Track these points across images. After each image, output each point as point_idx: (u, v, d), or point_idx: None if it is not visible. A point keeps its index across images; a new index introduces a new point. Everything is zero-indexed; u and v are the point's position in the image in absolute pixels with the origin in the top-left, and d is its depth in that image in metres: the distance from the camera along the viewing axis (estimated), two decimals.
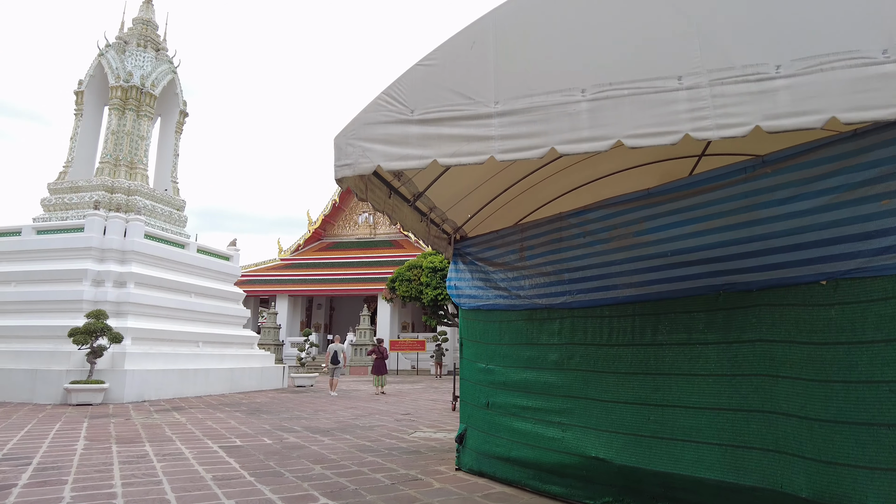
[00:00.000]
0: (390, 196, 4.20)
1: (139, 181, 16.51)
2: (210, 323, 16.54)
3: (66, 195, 16.04)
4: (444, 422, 9.47)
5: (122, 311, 13.66)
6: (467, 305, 5.67)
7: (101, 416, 9.50)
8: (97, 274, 13.76)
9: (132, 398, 12.18)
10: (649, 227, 3.99)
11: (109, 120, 16.73)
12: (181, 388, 13.63)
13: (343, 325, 37.12)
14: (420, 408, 11.90)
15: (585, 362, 4.34)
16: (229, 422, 9.06)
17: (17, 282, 14.15)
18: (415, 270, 24.96)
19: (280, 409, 11.15)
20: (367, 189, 3.75)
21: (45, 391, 11.64)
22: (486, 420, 5.21)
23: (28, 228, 14.84)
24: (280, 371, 18.21)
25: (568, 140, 2.88)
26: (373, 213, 39.84)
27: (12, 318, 13.65)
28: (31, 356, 12.47)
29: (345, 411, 11.00)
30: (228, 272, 18.15)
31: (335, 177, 3.22)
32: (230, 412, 10.49)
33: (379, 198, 3.97)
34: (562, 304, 4.59)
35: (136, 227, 14.63)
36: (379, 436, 7.78)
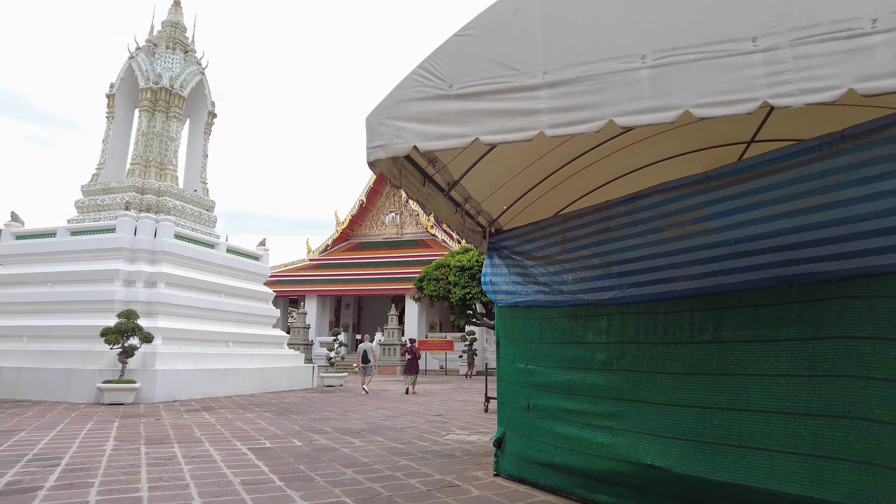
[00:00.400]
0: (424, 184, 3.93)
1: (169, 182, 16.61)
2: (240, 323, 16.54)
3: (98, 197, 16.22)
4: (477, 423, 9.17)
5: (152, 311, 13.71)
6: (504, 302, 5.36)
7: (131, 415, 9.46)
8: (128, 274, 13.84)
9: (163, 398, 12.18)
10: (710, 214, 3.63)
11: (139, 122, 16.87)
12: (211, 387, 13.61)
13: (371, 325, 37.10)
14: (451, 409, 11.62)
15: (637, 362, 4.00)
16: (258, 422, 8.91)
17: (52, 282, 14.33)
18: (442, 269, 24.69)
19: (310, 410, 11.00)
20: (400, 175, 3.48)
21: (79, 390, 11.72)
22: (527, 423, 4.90)
23: (62, 230, 15.03)
24: (309, 371, 18.14)
25: (627, 111, 2.57)
26: (399, 213, 39.76)
27: (48, 317, 13.82)
28: (65, 355, 12.58)
29: (375, 412, 10.79)
30: (258, 272, 18.16)
31: (367, 159, 2.95)
32: (260, 412, 10.37)
33: (413, 185, 3.70)
34: (610, 300, 4.25)
35: (167, 228, 14.69)
36: (411, 438, 7.52)
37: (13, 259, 15.22)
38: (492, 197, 5.03)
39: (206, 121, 18.72)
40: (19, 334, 13.66)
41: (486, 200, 5.03)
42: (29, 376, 12.26)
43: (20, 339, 13.62)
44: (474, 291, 22.88)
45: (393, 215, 39.92)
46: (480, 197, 4.88)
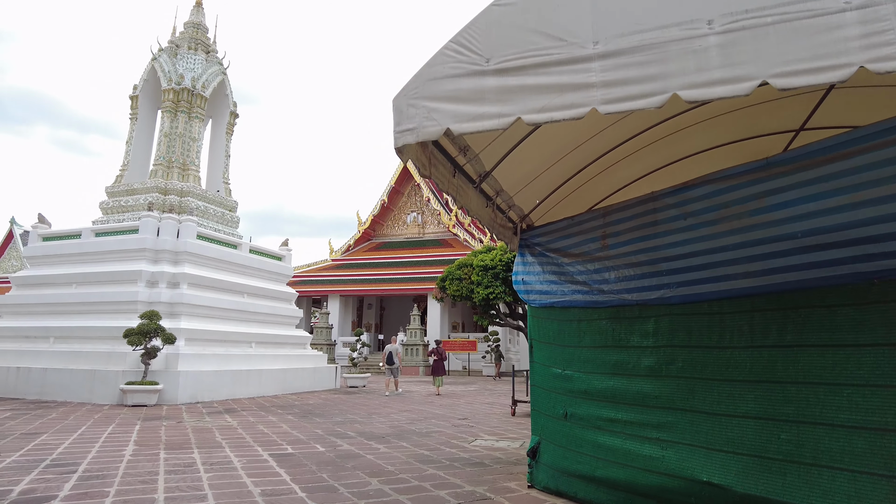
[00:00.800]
0: (455, 175, 3.62)
1: (191, 182, 16.58)
2: (263, 323, 16.45)
3: (122, 198, 16.26)
4: (505, 428, 8.84)
5: (175, 312, 13.65)
6: (538, 302, 5.03)
7: (153, 418, 9.34)
8: (151, 275, 13.80)
9: (185, 399, 12.08)
10: (773, 204, 3.27)
11: (162, 122, 16.88)
12: (234, 389, 13.50)
13: (393, 325, 36.96)
14: (477, 412, 11.31)
15: (690, 368, 3.64)
16: (281, 426, 8.71)
17: (77, 283, 14.37)
18: (465, 269, 24.36)
19: (333, 412, 10.78)
20: (430, 164, 3.18)
21: (102, 391, 11.68)
22: (565, 433, 4.56)
23: (87, 231, 15.08)
24: (332, 371, 17.98)
25: (694, 84, 2.23)
26: (421, 213, 39.55)
27: (74, 318, 13.85)
28: (89, 356, 12.56)
29: (399, 414, 10.52)
30: (281, 272, 18.06)
31: (395, 145, 2.66)
32: (282, 415, 10.18)
33: (443, 175, 3.40)
34: (658, 300, 3.90)
35: (189, 228, 14.63)
36: (437, 443, 7.22)
37: (40, 260, 15.32)
38: (524, 190, 4.71)
39: (228, 121, 18.69)
40: (46, 335, 13.72)
41: (518, 194, 4.71)
42: (55, 377, 12.28)
43: (47, 339, 13.68)
44: (498, 291, 22.53)
45: (414, 215, 39.72)
46: (512, 190, 4.56)
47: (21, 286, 15.16)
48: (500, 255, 22.85)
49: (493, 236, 4.84)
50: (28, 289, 15.00)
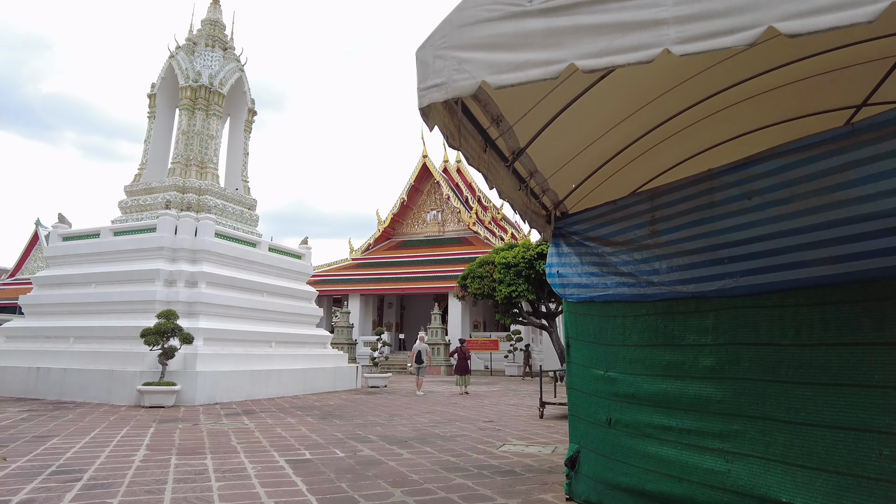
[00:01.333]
0: (486, 150, 3.19)
1: (209, 180, 16.39)
2: (282, 322, 16.19)
3: (140, 197, 16.13)
4: (534, 432, 8.37)
5: (193, 312, 13.43)
6: (575, 297, 4.57)
7: (169, 420, 9.07)
8: (169, 274, 13.61)
9: (203, 400, 11.84)
10: (860, 178, 2.79)
11: (180, 120, 16.72)
12: (253, 389, 13.24)
13: (414, 325, 36.62)
14: (503, 414, 10.85)
15: (759, 369, 3.16)
16: (300, 428, 8.36)
17: (96, 283, 14.25)
18: (487, 267, 23.90)
19: (353, 414, 10.43)
20: (458, 134, 2.74)
21: (120, 392, 11.48)
22: (608, 441, 4.10)
23: (105, 230, 14.96)
24: (353, 371, 17.67)
25: (799, 13, 1.76)
26: (441, 211, 39.14)
27: (93, 318, 13.73)
28: (108, 357, 12.40)
29: (422, 417, 10.12)
30: (300, 270, 17.80)
31: (419, 105, 2.23)
32: (301, 417, 9.85)
33: (473, 149, 2.96)
34: (718, 292, 3.42)
35: (207, 226, 14.41)
36: (463, 449, 6.80)
37: (60, 260, 15.25)
38: (559, 173, 4.25)
39: (247, 118, 18.48)
40: (66, 335, 13.62)
41: (553, 177, 4.26)
42: (74, 378, 12.13)
43: (67, 339, 13.57)
44: (520, 289, 22.02)
45: (434, 213, 39.33)
46: (547, 171, 4.11)
47: (42, 286, 15.11)
48: (523, 253, 22.34)
49: (527, 222, 4.38)
50: (48, 289, 14.94)
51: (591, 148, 4.14)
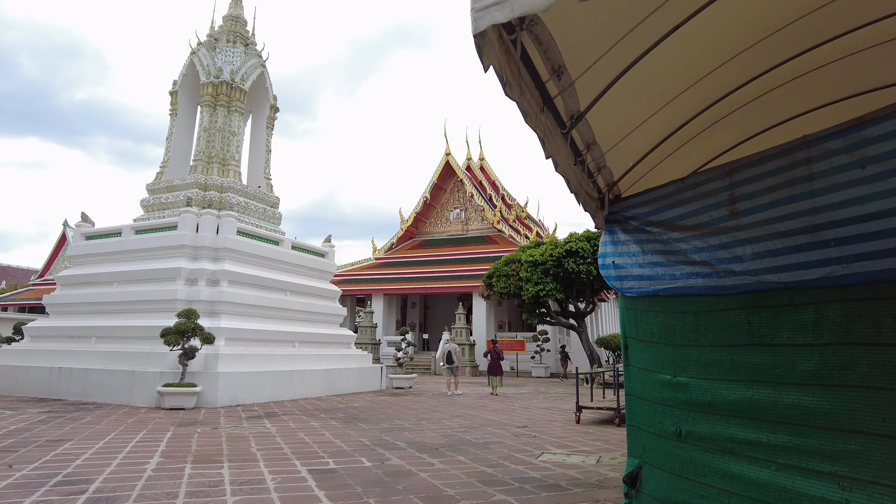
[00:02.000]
0: (543, 110, 2.65)
1: (231, 178, 16.11)
2: (306, 322, 15.84)
3: (162, 195, 15.92)
4: (573, 440, 7.79)
5: (215, 311, 13.13)
6: (635, 291, 4.00)
7: (188, 423, 8.70)
8: (190, 272, 13.32)
9: (225, 402, 11.49)
10: None
11: (201, 117, 16.49)
12: (276, 390, 12.87)
13: (437, 325, 36.16)
14: (536, 418, 10.28)
15: (880, 375, 2.57)
16: (323, 433, 7.91)
17: (118, 282, 14.05)
18: (513, 265, 23.29)
19: (379, 417, 9.96)
20: (515, 80, 2.21)
21: (141, 393, 11.20)
22: (678, 456, 3.53)
23: (127, 229, 14.76)
24: (378, 372, 17.24)
25: None
26: (464, 209, 38.61)
27: (114, 318, 13.53)
28: (128, 357, 12.15)
29: (451, 420, 9.60)
30: (324, 269, 17.44)
31: (473, 29, 1.70)
32: (325, 420, 9.41)
33: (530, 105, 2.43)
34: (821, 281, 2.83)
35: (229, 224, 14.11)
36: (500, 458, 6.26)
37: (83, 259, 15.11)
38: (619, 147, 3.69)
39: (269, 115, 18.19)
40: (88, 335, 13.43)
41: (612, 151, 3.69)
42: (95, 378, 11.90)
43: (89, 339, 13.39)
44: (548, 288, 21.37)
45: (458, 212, 38.81)
46: (606, 144, 3.55)
47: (65, 285, 14.98)
48: (551, 251, 21.69)
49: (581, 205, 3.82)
50: (71, 288, 14.81)
51: (655, 118, 3.57)
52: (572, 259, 21.05)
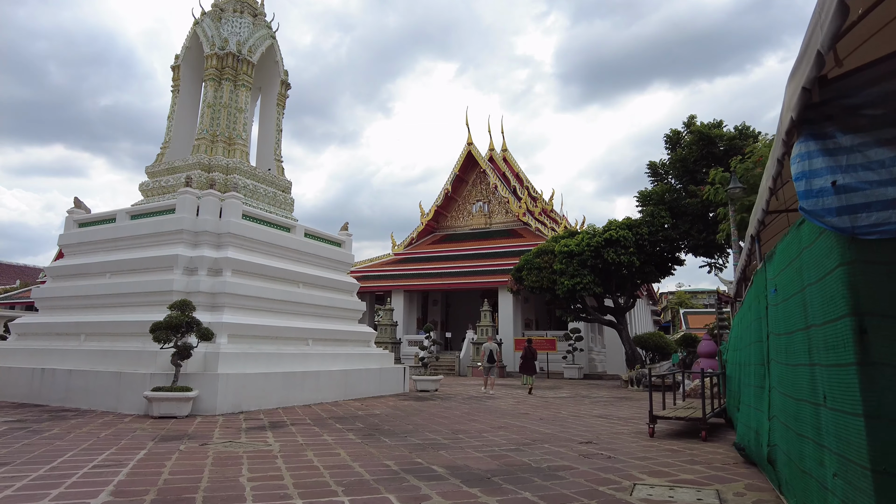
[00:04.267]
0: None
1: (238, 158, 14.55)
2: (320, 317, 14.21)
3: (162, 178, 14.42)
4: (660, 462, 5.99)
5: (217, 304, 11.54)
6: (888, 229, 2.22)
7: (173, 437, 7.06)
8: (189, 260, 11.74)
9: (226, 408, 9.88)
10: None
11: (205, 92, 14.95)
12: (285, 394, 11.23)
13: (459, 323, 34.41)
14: (597, 430, 8.49)
15: None
16: (338, 452, 6.22)
17: (111, 272, 12.54)
18: (545, 257, 21.45)
19: (406, 427, 8.26)
20: None
21: (129, 398, 9.64)
22: None
23: (122, 214, 13.26)
24: (400, 373, 15.56)
25: None
26: (487, 202, 36.82)
27: (105, 313, 12.03)
28: (117, 356, 10.62)
29: (495, 433, 7.85)
30: (340, 259, 15.80)
31: None
32: (341, 432, 7.73)
33: None
34: None
35: (233, 207, 12.52)
36: (579, 493, 4.50)
37: (75, 248, 13.66)
38: None
39: (279, 91, 16.61)
40: (77, 332, 11.95)
41: None
42: (79, 380, 10.38)
43: (78, 336, 11.91)
44: (585, 281, 19.51)
45: (480, 204, 37.04)
46: None
47: (55, 277, 13.54)
48: (588, 240, 19.82)
49: None
50: (61, 280, 13.35)
51: None
52: (612, 249, 19.18)
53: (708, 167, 20.13)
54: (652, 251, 19.89)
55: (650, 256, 20.05)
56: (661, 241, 19.70)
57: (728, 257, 20.92)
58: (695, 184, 19.82)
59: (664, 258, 20.85)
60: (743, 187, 13.74)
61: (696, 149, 19.78)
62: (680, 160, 20.40)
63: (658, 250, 19.96)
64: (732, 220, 14.38)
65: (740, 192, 13.70)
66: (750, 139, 18.98)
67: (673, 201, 20.65)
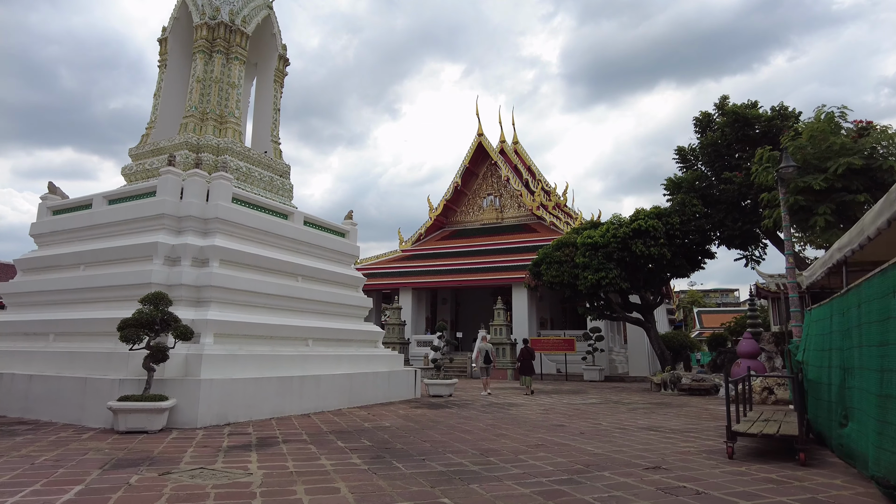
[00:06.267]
0: None
1: (230, 137, 13.08)
2: (322, 315, 12.72)
3: (146, 160, 12.98)
4: (769, 500, 4.43)
5: (202, 298, 10.07)
6: None
7: (129, 463, 5.57)
8: (171, 249, 10.28)
9: (210, 420, 8.40)
10: None
11: (194, 66, 13.49)
12: (280, 402, 9.75)
13: (470, 322, 32.88)
14: (652, 447, 6.93)
15: None
16: (337, 485, 4.71)
17: (86, 264, 11.10)
18: (566, 249, 19.88)
19: (423, 447, 6.75)
20: None
21: (94, 409, 8.17)
22: None
23: (99, 198, 11.82)
24: (411, 376, 14.06)
25: None
26: (498, 196, 35.27)
27: (77, 309, 10.58)
28: (85, 359, 9.17)
29: (533, 454, 6.32)
30: (344, 251, 14.31)
31: None
32: (343, 454, 6.23)
33: None
34: None
35: (222, 188, 11.05)
36: None
37: (48, 238, 12.23)
38: None
39: (277, 67, 15.15)
40: (46, 331, 10.51)
41: None
42: (40, 387, 8.94)
43: (46, 336, 10.46)
44: (611, 276, 17.92)
45: (491, 198, 35.47)
46: None
47: (25, 271, 12.11)
48: (614, 230, 18.24)
49: None
50: (32, 273, 11.93)
51: None
52: (641, 240, 17.59)
53: (743, 151, 18.52)
54: (682, 243, 18.28)
55: (679, 248, 18.45)
56: (692, 231, 18.09)
57: (766, 248, 19.29)
58: (729, 169, 18.20)
59: (694, 251, 19.24)
60: (797, 166, 12.13)
61: (730, 131, 18.16)
62: (711, 144, 18.78)
63: (688, 242, 18.35)
64: (784, 204, 12.77)
65: (794, 171, 12.09)
66: (790, 119, 17.35)
67: (704, 189, 19.04)
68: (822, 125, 13.51)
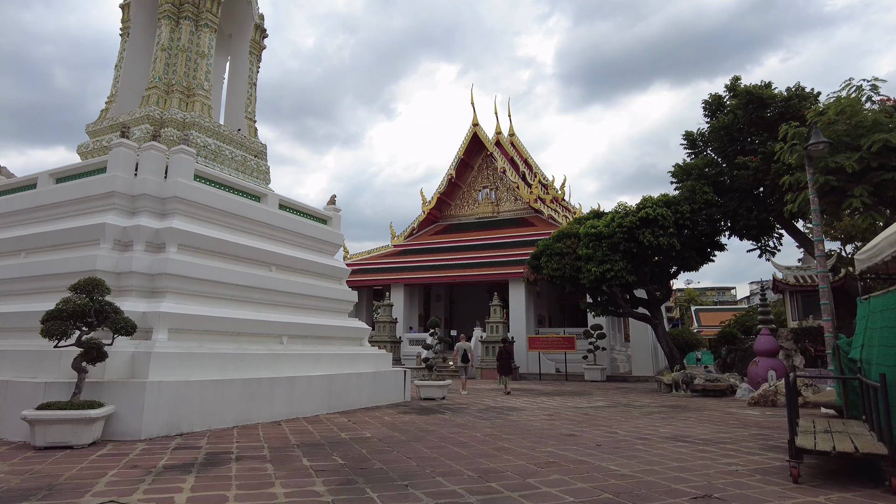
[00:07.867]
0: None
1: (198, 111, 11.72)
2: (299, 309, 11.39)
3: (104, 136, 11.61)
4: None
5: (157, 289, 8.73)
6: None
7: (14, 497, 4.24)
8: (121, 232, 8.94)
9: (158, 430, 7.07)
10: None
11: (159, 34, 12.12)
12: (247, 409, 8.43)
13: (464, 320, 31.60)
14: (688, 465, 5.65)
15: None
16: None
17: (27, 250, 9.73)
18: (568, 241, 18.60)
19: (407, 466, 5.45)
20: None
21: (13, 419, 6.77)
22: None
23: (45, 176, 10.45)
24: (400, 377, 12.74)
25: None
26: (494, 189, 33.97)
27: (16, 301, 9.23)
28: (15, 358, 7.80)
29: (545, 477, 5.02)
30: (326, 239, 12.98)
31: None
32: (305, 477, 4.91)
33: None
34: None
35: (182, 163, 9.70)
36: None
37: None
38: None
39: (253, 37, 13.80)
40: None
41: None
42: None
43: None
44: (617, 268, 16.65)
45: (487, 191, 34.17)
46: None
47: None
48: (620, 220, 16.96)
49: None
50: None
51: None
52: (648, 230, 16.31)
53: (757, 134, 17.29)
54: (692, 233, 17.04)
55: (689, 239, 17.21)
56: (703, 220, 16.84)
57: (781, 239, 18.08)
58: (742, 154, 16.97)
59: (703, 242, 18.01)
60: (830, 142, 10.90)
61: (743, 114, 16.92)
62: (723, 128, 17.53)
63: (698, 232, 17.11)
64: (812, 185, 11.54)
65: (825, 148, 10.86)
66: (809, 100, 16.13)
67: (714, 175, 17.81)
68: (852, 99, 12.29)
